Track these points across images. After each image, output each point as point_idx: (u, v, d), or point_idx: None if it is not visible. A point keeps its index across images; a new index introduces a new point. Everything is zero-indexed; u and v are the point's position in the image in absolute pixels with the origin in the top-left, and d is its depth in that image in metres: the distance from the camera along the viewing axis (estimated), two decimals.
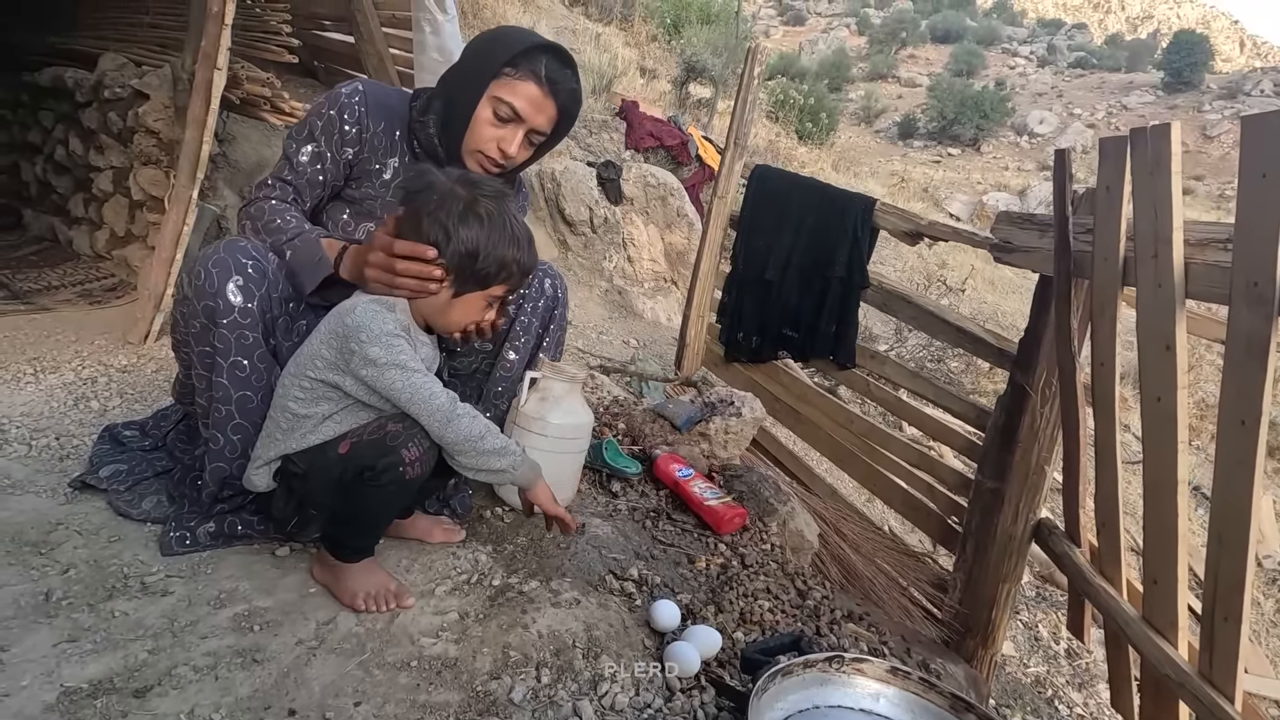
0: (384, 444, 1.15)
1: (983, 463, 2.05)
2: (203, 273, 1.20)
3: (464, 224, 1.17)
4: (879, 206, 2.49)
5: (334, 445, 1.19)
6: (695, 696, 1.19)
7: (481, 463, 1.17)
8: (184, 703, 1.00)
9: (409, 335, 1.20)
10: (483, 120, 1.33)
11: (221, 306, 1.19)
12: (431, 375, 1.19)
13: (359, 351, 1.13)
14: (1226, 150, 23.25)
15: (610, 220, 5.06)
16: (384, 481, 1.15)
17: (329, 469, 1.17)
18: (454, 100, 1.35)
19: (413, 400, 1.15)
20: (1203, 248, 1.30)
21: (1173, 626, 1.41)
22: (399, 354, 1.15)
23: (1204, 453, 6.19)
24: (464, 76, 1.34)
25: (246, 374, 1.24)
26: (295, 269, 1.28)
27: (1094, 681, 3.12)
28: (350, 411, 1.21)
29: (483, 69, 1.32)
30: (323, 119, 1.35)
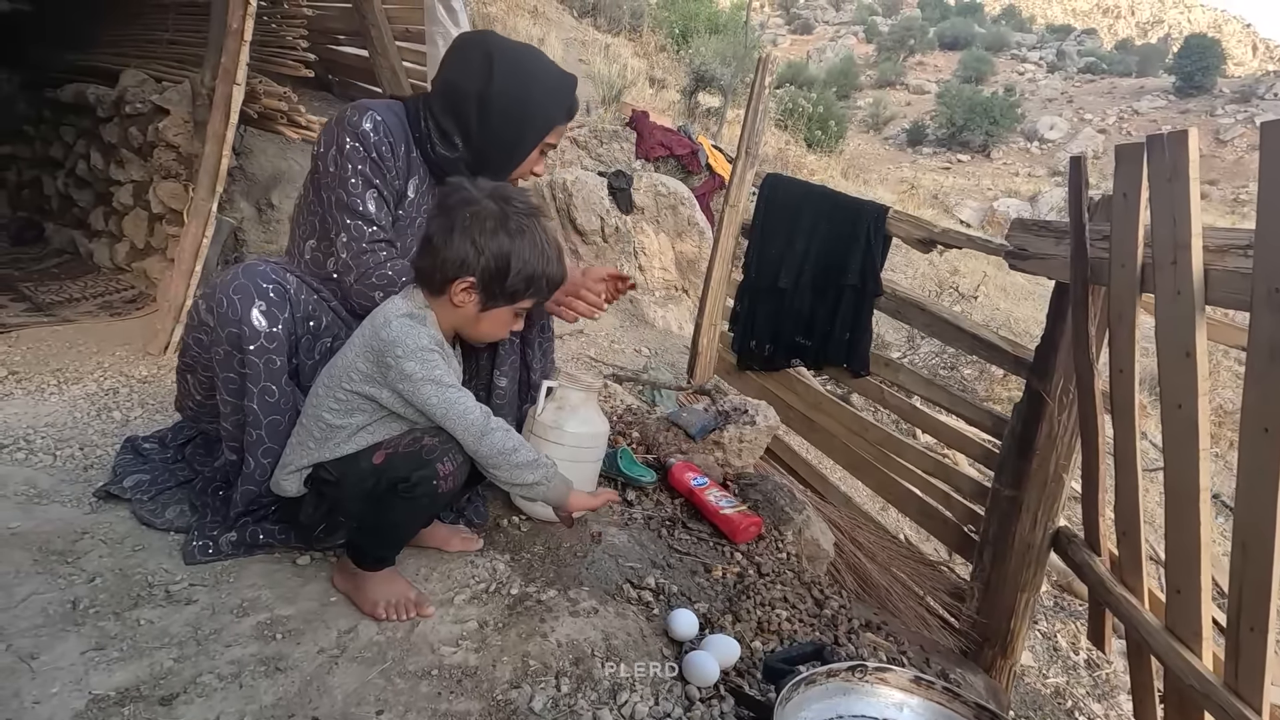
0: (420, 457, 1.16)
1: (1000, 470, 2.04)
2: (225, 300, 1.21)
3: (494, 239, 1.17)
4: (892, 214, 2.49)
5: (368, 455, 1.20)
6: (714, 706, 1.18)
7: (515, 476, 1.18)
8: (209, 710, 1.01)
9: (442, 349, 1.21)
10: (531, 159, 1.45)
11: (247, 333, 1.21)
12: (465, 390, 1.20)
13: (395, 366, 1.15)
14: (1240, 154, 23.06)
15: (621, 229, 5.09)
16: (417, 494, 1.16)
17: (362, 479, 1.19)
18: (507, 141, 1.39)
19: (448, 415, 1.16)
20: (1222, 254, 1.29)
21: (1197, 636, 1.39)
22: (434, 369, 1.16)
23: (1222, 460, 6.11)
24: (519, 126, 1.38)
25: (276, 398, 1.26)
26: None
27: (1115, 693, 3.07)
28: (384, 423, 1.22)
29: (546, 122, 1.41)
30: (367, 162, 1.30)
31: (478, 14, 7.15)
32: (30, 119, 3.93)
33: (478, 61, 1.33)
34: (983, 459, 2.20)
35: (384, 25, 3.92)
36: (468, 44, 1.37)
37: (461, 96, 1.34)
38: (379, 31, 3.91)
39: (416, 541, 1.42)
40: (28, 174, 4.02)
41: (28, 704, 0.97)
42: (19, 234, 3.73)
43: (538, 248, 1.20)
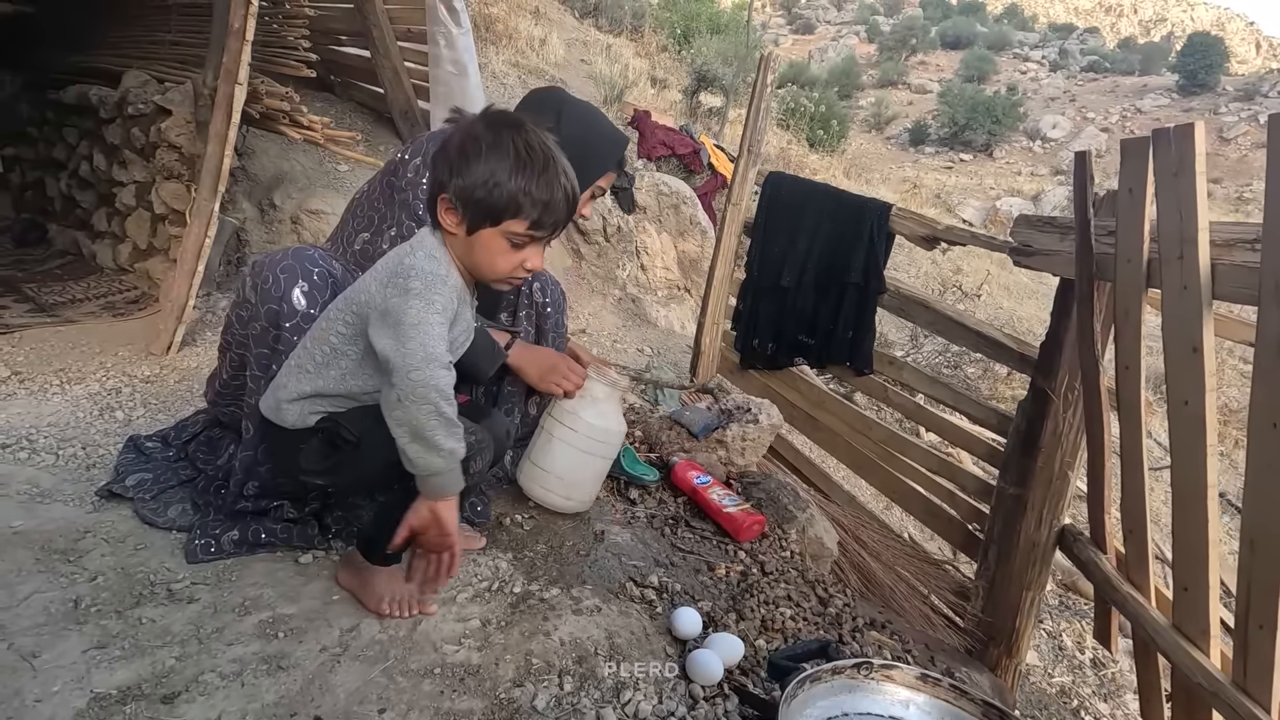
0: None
1: (1004, 468, 2.03)
2: (270, 277, 1.25)
3: (465, 155, 1.10)
4: (895, 211, 2.49)
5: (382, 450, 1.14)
6: (719, 704, 1.18)
7: (418, 439, 1.06)
8: (211, 709, 1.00)
9: (459, 294, 1.17)
10: (582, 200, 1.56)
11: (286, 310, 1.24)
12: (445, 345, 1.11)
13: (401, 283, 1.09)
14: (1244, 152, 22.98)
15: (623, 229, 5.08)
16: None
17: (381, 449, 1.11)
18: None
19: (414, 327, 1.06)
20: (1229, 248, 1.28)
21: (1205, 634, 1.38)
22: (434, 296, 1.09)
23: (1228, 458, 6.09)
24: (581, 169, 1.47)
25: None
26: (477, 355, 1.39)
27: (1121, 692, 3.06)
28: None
29: (600, 168, 1.56)
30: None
31: (479, 15, 7.16)
32: (33, 120, 3.94)
33: (551, 111, 1.52)
34: (987, 457, 2.19)
35: (386, 26, 3.92)
36: (543, 95, 1.59)
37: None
38: (380, 32, 3.92)
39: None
40: (31, 175, 4.03)
41: (29, 702, 0.97)
42: (22, 235, 3.74)
43: (517, 158, 1.10)
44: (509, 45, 7.44)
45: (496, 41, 7.28)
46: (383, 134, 4.34)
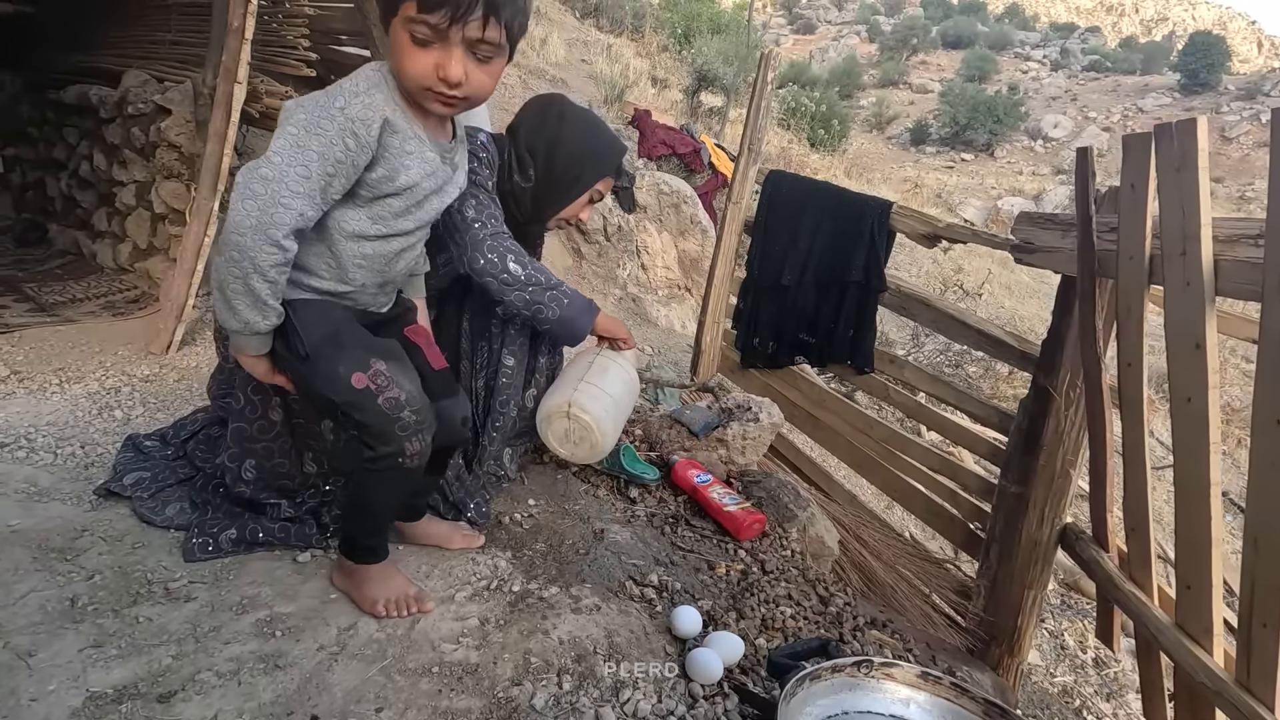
0: (391, 431, 1.12)
1: (1006, 467, 2.02)
2: None
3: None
4: (896, 209, 2.48)
5: (350, 364, 1.10)
6: (718, 704, 1.17)
7: (220, 292, 1.03)
8: (207, 708, 1.00)
9: (386, 127, 1.04)
10: (581, 201, 1.63)
11: None
12: (300, 210, 1.01)
13: (287, 113, 1.03)
14: (1246, 151, 22.95)
15: (624, 228, 5.08)
16: (382, 468, 1.13)
17: (335, 383, 1.09)
18: (560, 182, 1.58)
19: (265, 181, 0.98)
20: (1233, 244, 1.27)
21: (1208, 633, 1.37)
22: (312, 137, 0.99)
23: (1230, 457, 6.07)
24: (577, 172, 1.59)
25: None
26: (575, 313, 1.50)
27: (1123, 691, 3.05)
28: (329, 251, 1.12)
29: (599, 171, 1.61)
30: (486, 160, 1.48)
31: None
32: (34, 121, 3.94)
33: (554, 115, 1.58)
34: (989, 456, 2.19)
35: None
36: (548, 101, 1.63)
37: (539, 138, 1.56)
38: (381, 31, 3.91)
39: (416, 539, 1.41)
40: (31, 175, 4.03)
41: (25, 701, 0.96)
42: (23, 235, 3.74)
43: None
44: None
45: None
46: None
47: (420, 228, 1.21)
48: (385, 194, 1.12)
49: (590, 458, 1.63)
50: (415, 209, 1.17)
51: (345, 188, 1.07)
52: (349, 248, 1.13)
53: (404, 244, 1.20)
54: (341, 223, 1.12)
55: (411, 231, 1.20)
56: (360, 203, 1.11)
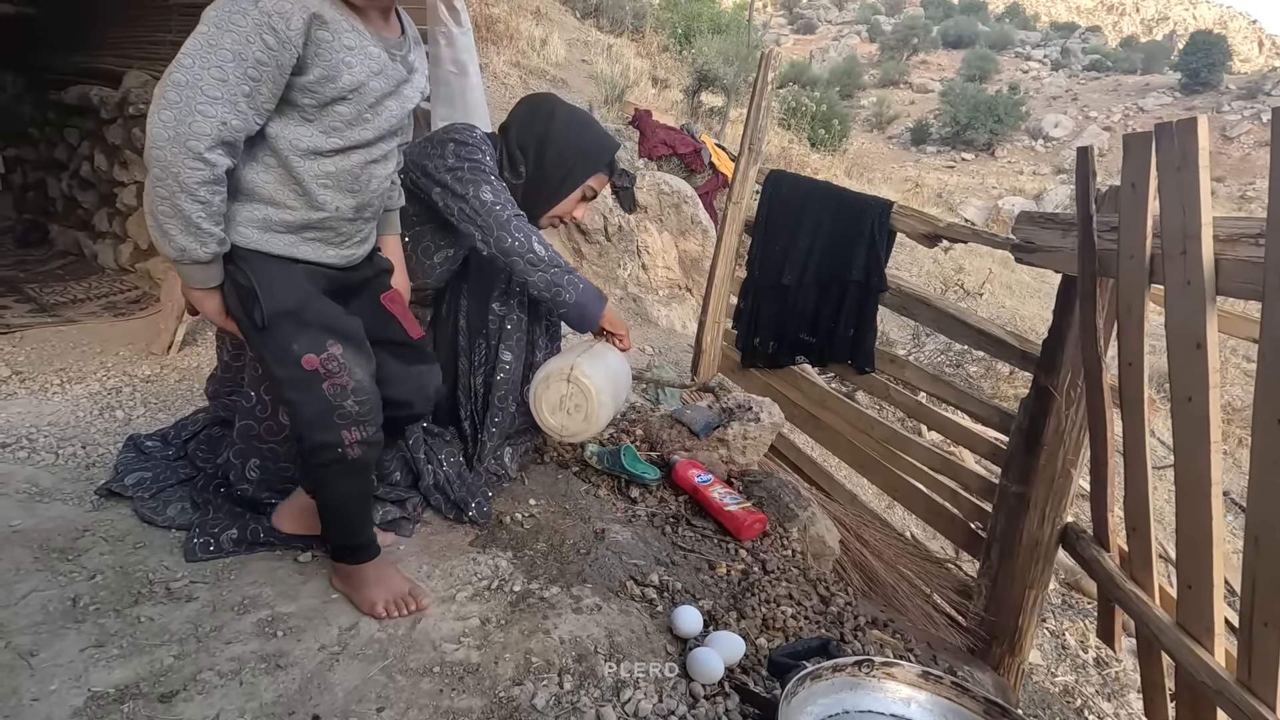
0: (328, 419, 1.08)
1: (1007, 467, 2.02)
2: None
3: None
4: (896, 209, 2.47)
5: (305, 343, 1.06)
6: (719, 703, 1.17)
7: (152, 216, 0.98)
8: (209, 708, 1.00)
9: (320, 21, 0.97)
10: (574, 198, 1.64)
11: None
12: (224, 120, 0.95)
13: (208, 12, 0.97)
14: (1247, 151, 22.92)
15: (624, 228, 5.07)
16: (327, 461, 1.10)
17: (284, 358, 1.06)
18: (551, 177, 1.60)
19: (178, 87, 0.93)
20: (1233, 243, 1.27)
21: (1209, 632, 1.37)
22: (225, 34, 0.92)
23: (1231, 457, 6.07)
24: (569, 166, 1.60)
25: None
26: (589, 299, 1.52)
27: (1124, 691, 3.04)
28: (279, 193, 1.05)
29: (590, 165, 1.62)
30: (487, 154, 1.51)
31: (480, 15, 7.16)
32: (35, 121, 3.94)
33: (544, 113, 1.60)
34: (990, 455, 2.18)
35: None
36: (538, 100, 1.66)
37: (529, 136, 1.59)
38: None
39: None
40: (33, 176, 4.03)
41: (26, 701, 0.97)
42: (24, 236, 3.74)
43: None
44: (510, 45, 7.44)
45: (498, 42, 7.28)
46: None
47: (381, 138, 1.11)
48: (331, 99, 1.02)
49: (580, 433, 1.55)
50: (370, 115, 1.07)
51: (276, 94, 0.99)
52: (308, 167, 1.05)
53: (366, 156, 1.10)
54: (294, 141, 1.04)
55: (372, 142, 1.10)
56: (308, 114, 1.03)
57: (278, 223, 1.08)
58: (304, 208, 1.08)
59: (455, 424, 1.70)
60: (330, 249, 1.15)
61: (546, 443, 1.91)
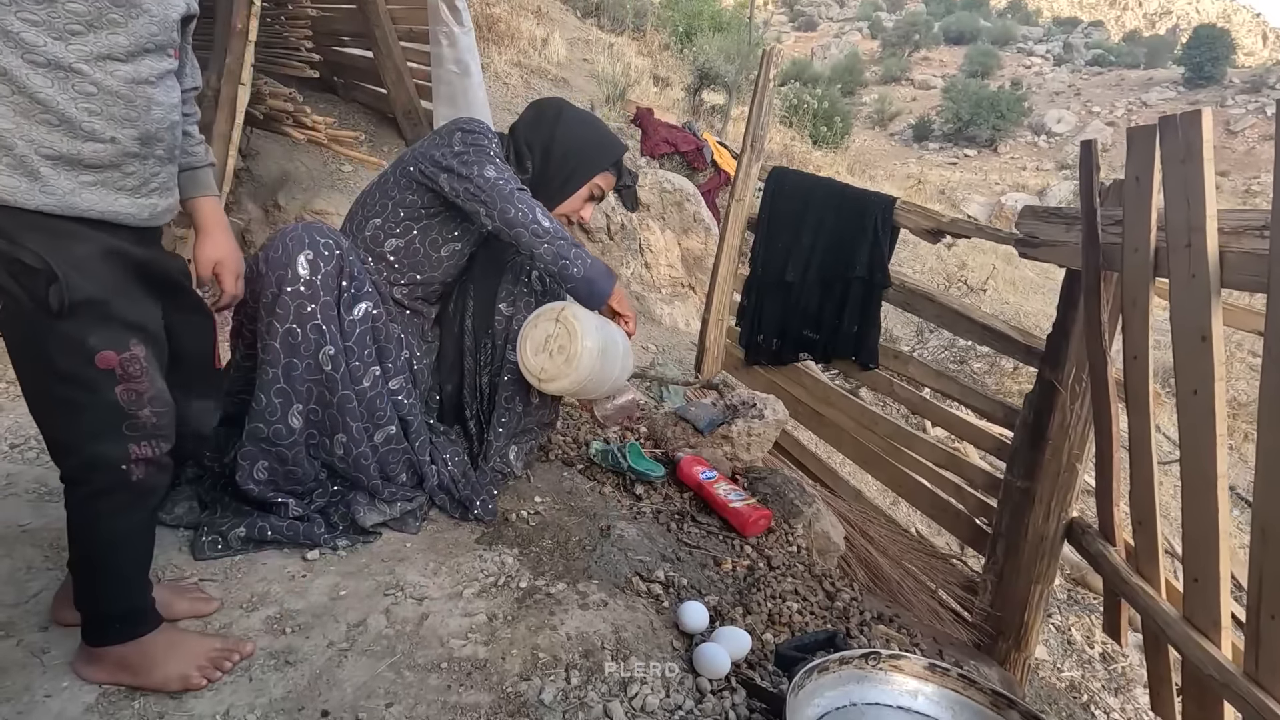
0: (116, 430, 0.90)
1: (1012, 462, 2.02)
2: (280, 246, 1.29)
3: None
4: (899, 205, 2.47)
5: (104, 338, 0.90)
6: (726, 698, 1.17)
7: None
8: (219, 704, 1.01)
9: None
10: (580, 197, 1.64)
11: (289, 275, 1.28)
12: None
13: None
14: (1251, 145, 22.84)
15: (627, 227, 5.08)
16: (101, 486, 0.91)
17: (75, 352, 0.89)
18: (557, 175, 1.60)
19: None
20: (1238, 235, 1.27)
21: (1216, 626, 1.37)
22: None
23: (1237, 452, 6.05)
24: (574, 165, 1.61)
25: (297, 341, 1.29)
26: (598, 274, 1.47)
27: (1131, 686, 3.04)
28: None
29: (596, 164, 1.63)
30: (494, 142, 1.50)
31: (481, 15, 7.16)
32: None
33: (551, 114, 1.62)
34: (994, 451, 2.18)
35: (388, 26, 3.93)
36: (546, 103, 1.67)
37: (536, 135, 1.60)
38: (383, 32, 3.92)
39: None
40: None
41: (39, 698, 0.97)
42: None
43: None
44: (511, 45, 7.44)
45: (499, 41, 7.28)
46: (386, 134, 4.35)
47: (143, 48, 0.91)
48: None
49: (558, 376, 1.44)
50: (119, 15, 0.88)
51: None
52: (57, 84, 0.84)
53: (130, 72, 0.89)
54: (27, 53, 0.83)
55: (131, 55, 0.90)
56: (30, 12, 0.82)
57: (44, 157, 0.86)
58: (73, 137, 0.87)
59: (461, 423, 1.70)
60: (123, 197, 0.92)
61: (551, 441, 1.91)
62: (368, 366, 1.40)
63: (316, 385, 1.34)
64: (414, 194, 1.48)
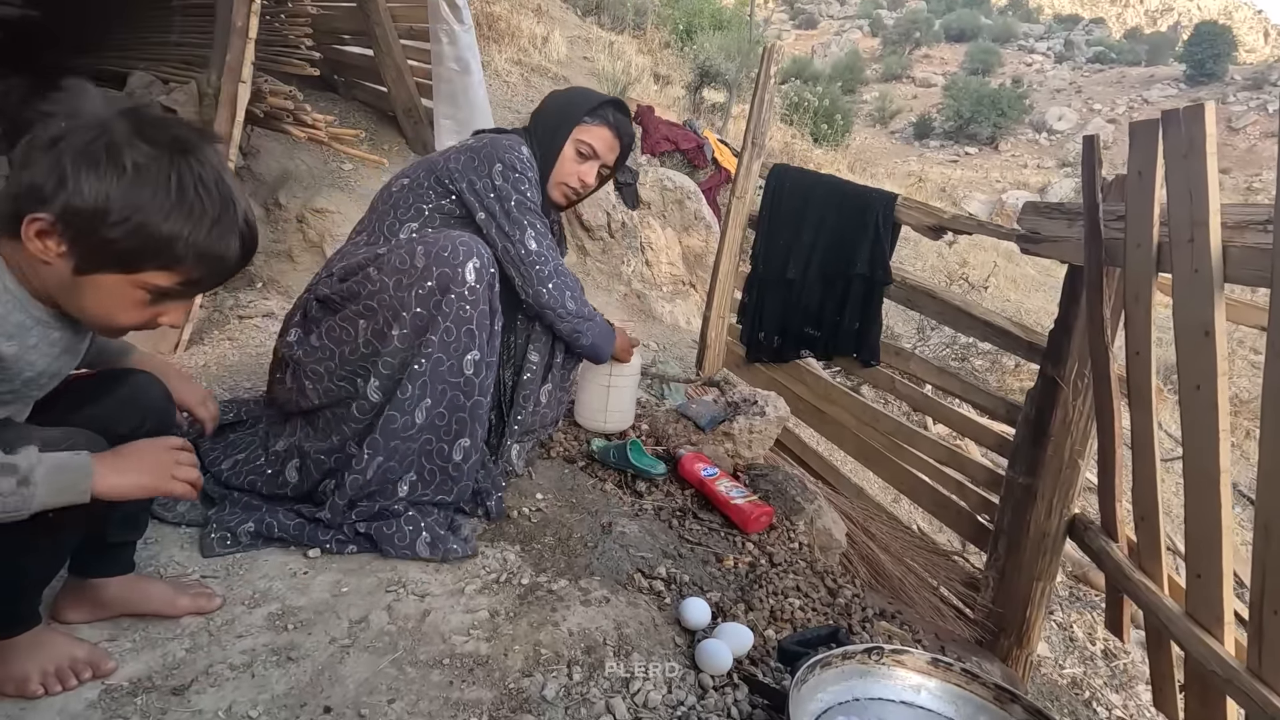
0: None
1: (1014, 458, 2.02)
2: (450, 246, 1.33)
3: (93, 168, 0.80)
4: (900, 201, 2.47)
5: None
6: (728, 694, 1.17)
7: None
8: (221, 700, 1.01)
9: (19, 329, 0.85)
10: (568, 158, 1.64)
11: (457, 279, 1.33)
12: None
13: None
14: (1253, 142, 22.80)
15: (628, 225, 5.07)
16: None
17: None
18: (544, 143, 1.63)
19: None
20: (1241, 230, 1.27)
21: (1218, 622, 1.37)
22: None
23: (1239, 449, 6.04)
24: (553, 125, 1.63)
25: (450, 340, 1.34)
26: (603, 340, 1.67)
27: (1133, 683, 3.04)
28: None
29: (569, 117, 1.63)
30: (532, 180, 1.56)
31: (481, 13, 7.16)
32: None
33: (550, 95, 1.72)
34: (996, 447, 2.18)
35: (388, 24, 3.92)
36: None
37: (536, 115, 1.68)
38: (383, 30, 3.92)
39: (111, 607, 1.11)
40: None
41: (40, 694, 0.97)
42: None
43: (181, 192, 0.82)
44: (511, 43, 7.44)
45: (499, 39, 7.28)
46: (386, 132, 4.35)
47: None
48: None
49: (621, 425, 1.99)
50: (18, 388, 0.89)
51: None
52: None
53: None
54: None
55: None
56: None
57: None
58: None
59: None
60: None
61: (553, 438, 1.91)
62: (492, 377, 1.46)
63: (453, 388, 1.36)
64: (450, 202, 1.53)
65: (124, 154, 0.81)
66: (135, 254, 0.84)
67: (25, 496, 0.79)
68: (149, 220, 0.82)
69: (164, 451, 0.94)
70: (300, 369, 1.39)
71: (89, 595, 1.09)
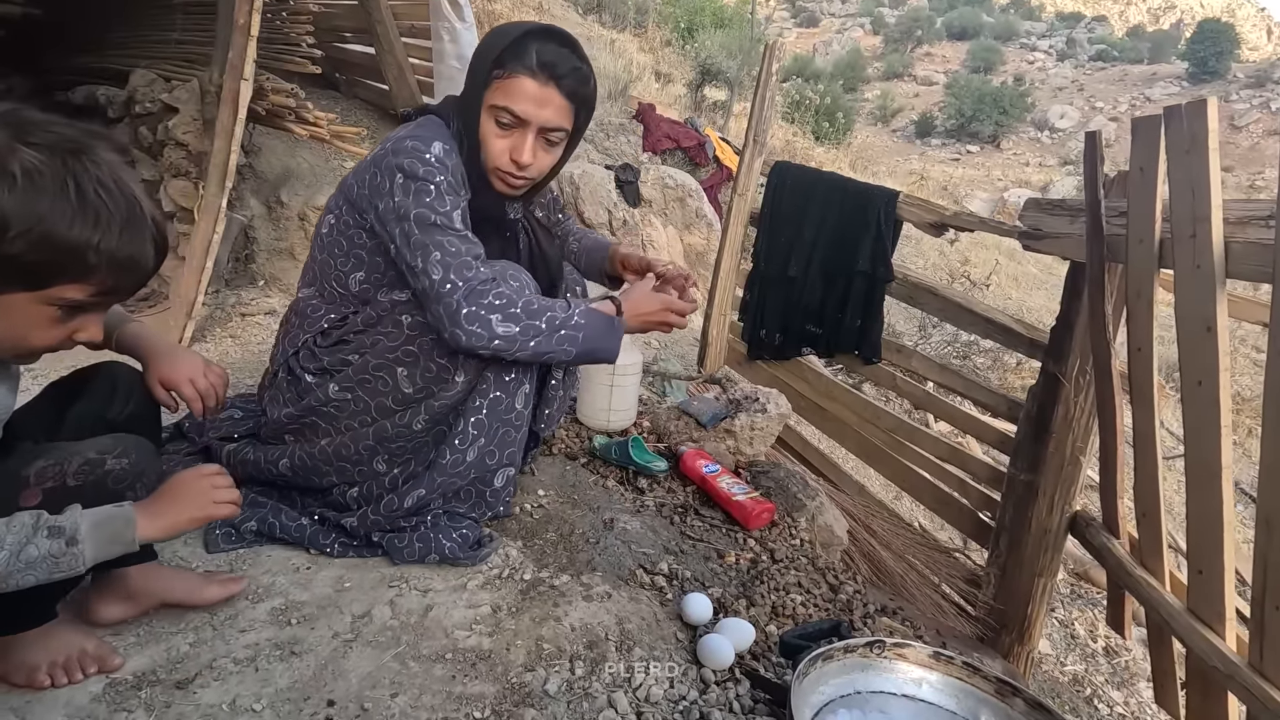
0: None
1: (1015, 455, 2.02)
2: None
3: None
4: (902, 198, 2.47)
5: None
6: (730, 689, 1.18)
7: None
8: (225, 694, 1.01)
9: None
10: (490, 135, 1.24)
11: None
12: None
13: None
14: (1256, 140, 22.75)
15: (629, 222, 5.07)
16: None
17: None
18: (463, 124, 1.27)
19: None
20: (1243, 225, 1.27)
21: (1220, 618, 1.37)
22: None
23: (1241, 447, 6.03)
24: (466, 93, 1.26)
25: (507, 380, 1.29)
26: (595, 342, 1.23)
27: (1134, 680, 3.04)
28: None
29: (475, 82, 1.23)
30: (443, 186, 1.20)
31: (483, 10, 7.15)
32: None
33: None
34: (998, 444, 2.18)
35: (389, 22, 3.92)
36: None
37: None
38: (385, 28, 3.92)
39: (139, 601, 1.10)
40: None
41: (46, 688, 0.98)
42: None
43: (71, 199, 0.76)
44: None
45: None
46: (387, 130, 4.33)
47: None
48: None
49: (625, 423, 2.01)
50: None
51: None
52: None
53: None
54: None
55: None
56: None
57: None
58: None
59: None
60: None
61: (555, 435, 1.92)
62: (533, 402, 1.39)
63: (504, 425, 1.32)
64: (377, 240, 1.24)
65: (9, 161, 0.74)
66: (43, 268, 0.78)
67: (75, 555, 0.81)
68: (53, 230, 0.76)
69: (198, 480, 0.96)
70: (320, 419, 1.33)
71: (118, 588, 1.08)
